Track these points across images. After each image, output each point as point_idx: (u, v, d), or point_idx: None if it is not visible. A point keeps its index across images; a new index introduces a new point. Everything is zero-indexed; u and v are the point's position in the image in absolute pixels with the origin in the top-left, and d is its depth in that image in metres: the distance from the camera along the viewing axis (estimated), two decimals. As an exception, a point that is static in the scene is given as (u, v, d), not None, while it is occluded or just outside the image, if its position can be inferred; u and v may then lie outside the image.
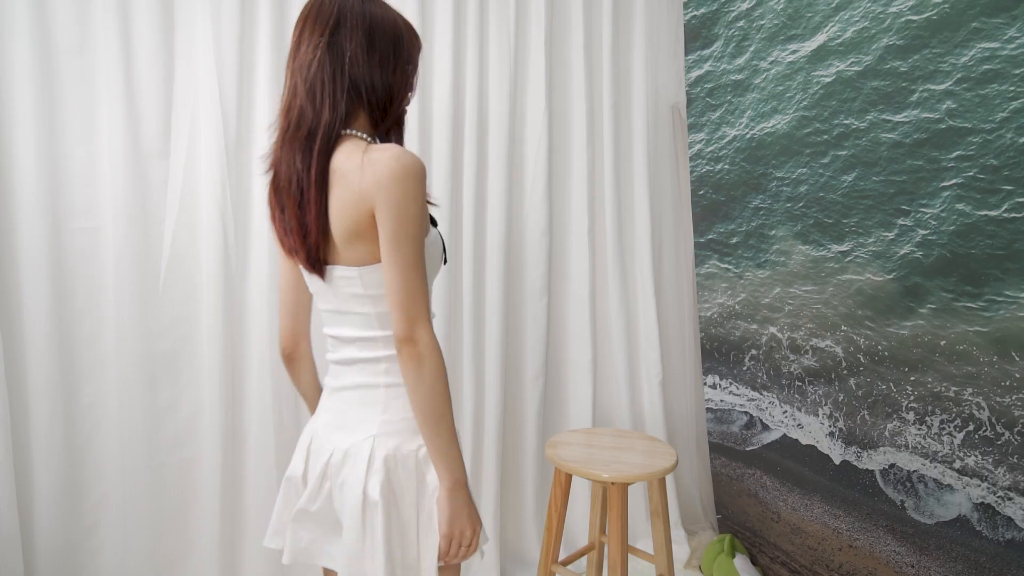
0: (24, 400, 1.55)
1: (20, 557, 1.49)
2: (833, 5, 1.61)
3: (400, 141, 1.03)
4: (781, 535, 1.91)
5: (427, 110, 1.92)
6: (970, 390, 1.34)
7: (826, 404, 1.72)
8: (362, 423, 0.98)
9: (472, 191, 1.97)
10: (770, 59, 1.84)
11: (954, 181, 1.34)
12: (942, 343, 1.39)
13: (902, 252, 1.47)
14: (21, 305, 1.54)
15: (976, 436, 1.34)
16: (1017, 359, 1.25)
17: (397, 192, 0.89)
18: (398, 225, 0.89)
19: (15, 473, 1.51)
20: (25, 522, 1.54)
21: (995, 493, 1.30)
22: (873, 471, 1.58)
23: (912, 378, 1.47)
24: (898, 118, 1.46)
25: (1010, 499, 1.27)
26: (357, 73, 0.95)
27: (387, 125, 1.00)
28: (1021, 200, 1.22)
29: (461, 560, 0.96)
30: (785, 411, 1.87)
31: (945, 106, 1.35)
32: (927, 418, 1.44)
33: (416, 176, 0.90)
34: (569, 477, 1.56)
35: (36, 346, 1.55)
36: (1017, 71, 1.21)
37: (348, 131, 0.97)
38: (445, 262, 1.04)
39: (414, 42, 1.03)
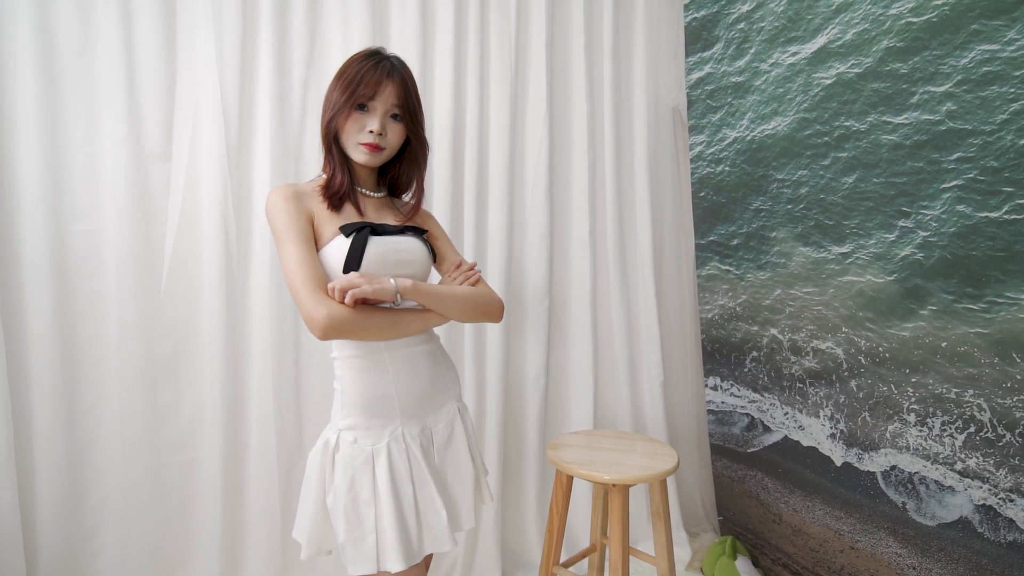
0: (26, 402, 1.55)
1: (22, 559, 1.50)
2: (833, 7, 1.62)
3: (335, 167, 1.17)
4: (783, 537, 1.91)
5: (428, 113, 1.92)
6: (971, 392, 1.34)
7: (827, 406, 1.72)
8: None
9: (473, 194, 1.97)
10: (770, 61, 1.84)
11: (955, 183, 1.34)
12: (943, 345, 1.39)
13: (903, 254, 1.47)
14: (23, 307, 1.54)
15: (977, 438, 1.34)
16: (1018, 360, 1.25)
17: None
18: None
19: (17, 475, 1.51)
20: (27, 524, 1.54)
21: (996, 495, 1.30)
22: (875, 473, 1.58)
23: (913, 380, 1.47)
24: (898, 120, 1.46)
25: (1012, 501, 1.27)
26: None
27: (331, 157, 1.18)
28: (1021, 202, 1.22)
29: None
30: (786, 413, 1.87)
31: (945, 108, 1.35)
32: (928, 420, 1.44)
33: (268, 201, 1.12)
34: (570, 479, 1.56)
35: (38, 348, 1.55)
36: (1017, 73, 1.21)
37: None
38: (352, 269, 1.08)
39: (348, 68, 1.15)
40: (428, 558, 1.33)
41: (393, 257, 1.14)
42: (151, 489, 1.66)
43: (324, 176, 1.19)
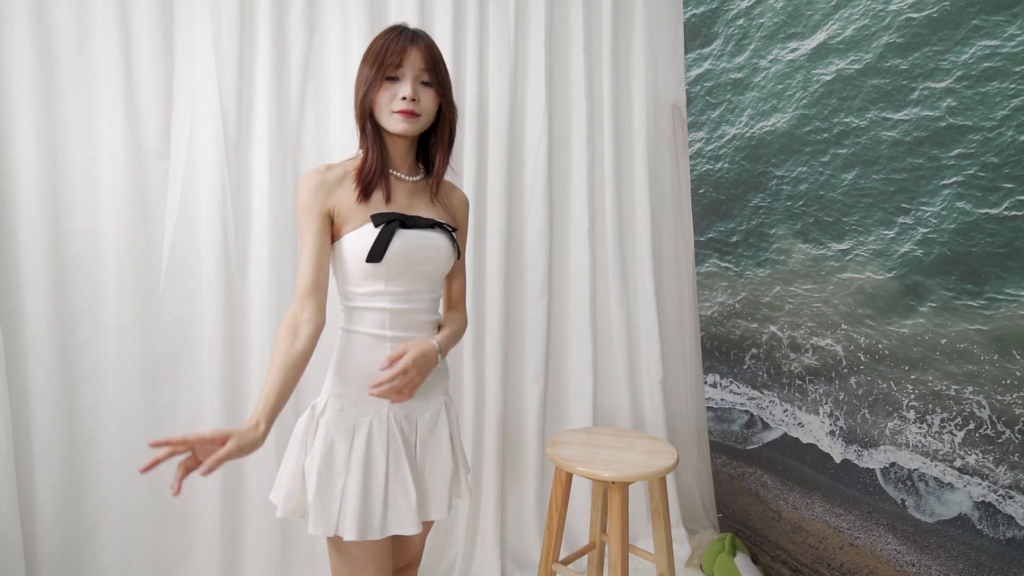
0: (25, 401, 1.55)
1: (22, 558, 1.50)
2: (833, 3, 1.61)
3: (369, 147, 1.17)
4: (782, 534, 1.91)
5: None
6: (971, 388, 1.34)
7: (827, 403, 1.72)
8: None
9: (472, 191, 1.97)
10: (770, 57, 1.83)
11: (955, 179, 1.34)
12: (943, 341, 1.39)
13: (902, 250, 1.47)
14: (22, 306, 1.54)
15: (977, 434, 1.33)
16: (1018, 357, 1.25)
17: None
18: None
19: (16, 474, 1.51)
20: (26, 523, 1.55)
21: (996, 491, 1.30)
22: (874, 470, 1.58)
23: (913, 376, 1.47)
24: (898, 116, 1.46)
25: (1011, 497, 1.27)
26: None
27: (365, 137, 1.18)
28: (1022, 198, 1.22)
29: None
30: (786, 410, 1.87)
31: (945, 104, 1.35)
32: (928, 416, 1.44)
33: (298, 188, 1.16)
34: (570, 476, 1.56)
35: (37, 347, 1.55)
36: (1017, 69, 1.21)
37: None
38: (377, 259, 1.11)
39: (374, 44, 1.15)
40: (417, 553, 1.32)
41: (418, 253, 1.16)
42: (150, 488, 1.66)
43: (361, 154, 1.20)
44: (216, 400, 1.69)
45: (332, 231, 1.15)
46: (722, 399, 2.14)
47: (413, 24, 1.85)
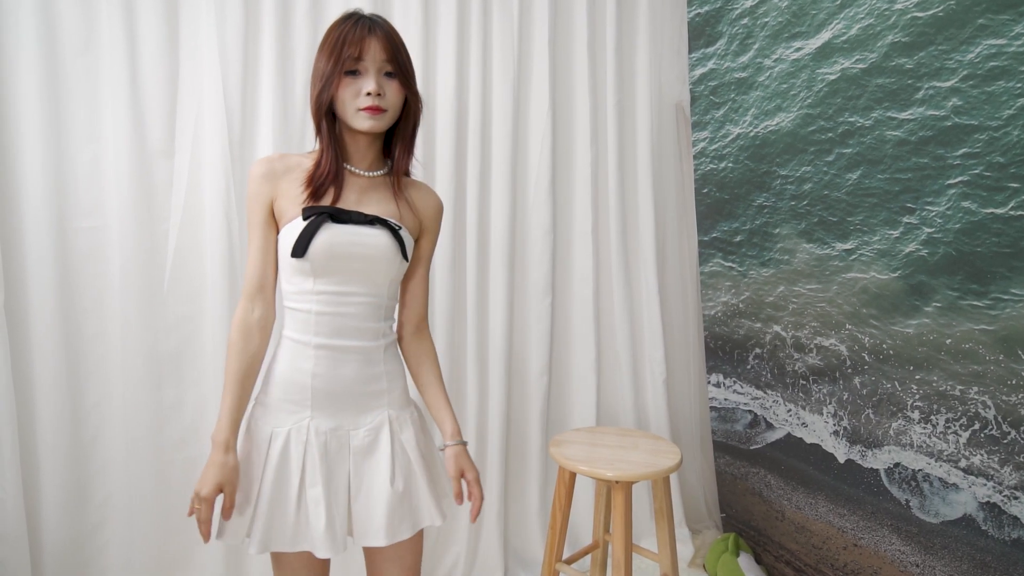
0: (30, 399, 1.55)
1: (27, 555, 1.50)
2: (838, 2, 1.61)
3: (324, 147, 1.10)
4: (785, 534, 1.91)
5: (430, 109, 1.92)
6: (976, 389, 1.34)
7: (830, 403, 1.71)
8: None
9: (476, 190, 1.97)
10: (774, 57, 1.83)
11: (960, 179, 1.34)
12: (948, 341, 1.39)
13: (907, 250, 1.47)
14: (28, 304, 1.54)
15: (982, 435, 1.33)
16: (1023, 357, 1.24)
17: None
18: None
19: (22, 472, 1.52)
20: (32, 520, 1.55)
21: (1001, 492, 1.30)
22: (878, 470, 1.58)
23: (917, 377, 1.46)
24: (903, 115, 1.45)
25: (1016, 498, 1.27)
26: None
27: (320, 135, 1.10)
28: (1027, 198, 1.22)
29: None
30: (789, 410, 1.87)
31: (951, 103, 1.35)
32: (932, 417, 1.44)
33: (248, 177, 1.11)
34: (573, 476, 1.56)
35: (42, 345, 1.55)
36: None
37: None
38: (299, 255, 1.05)
39: (330, 35, 1.07)
40: (397, 571, 1.19)
41: (345, 250, 1.07)
42: (155, 486, 1.67)
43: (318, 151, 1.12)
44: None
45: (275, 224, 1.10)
46: (726, 399, 2.13)
47: (417, 24, 1.87)
